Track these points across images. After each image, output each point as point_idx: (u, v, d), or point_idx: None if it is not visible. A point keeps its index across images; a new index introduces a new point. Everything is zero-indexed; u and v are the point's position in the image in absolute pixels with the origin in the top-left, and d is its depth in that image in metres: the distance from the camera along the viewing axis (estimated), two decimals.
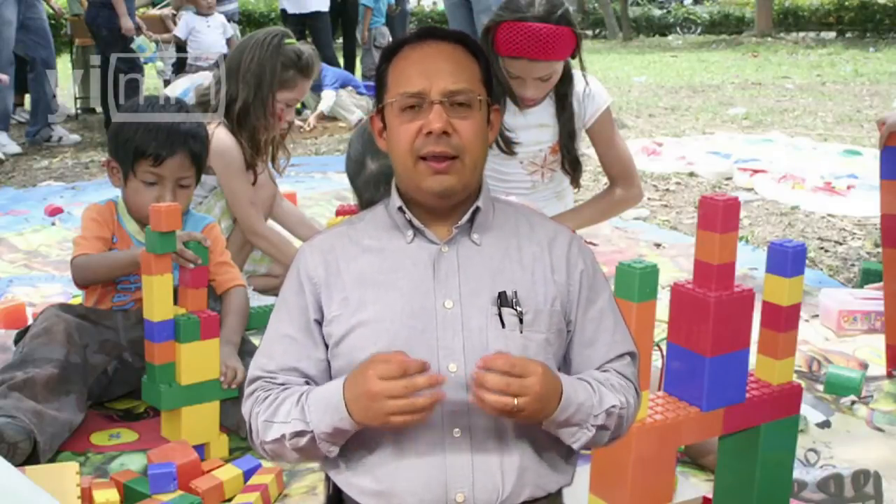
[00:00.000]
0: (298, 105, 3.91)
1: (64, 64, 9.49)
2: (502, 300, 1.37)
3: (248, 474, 2.04)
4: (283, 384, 1.38)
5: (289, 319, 1.41)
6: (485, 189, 1.45)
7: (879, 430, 2.35)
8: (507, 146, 2.80)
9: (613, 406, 1.35)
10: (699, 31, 21.12)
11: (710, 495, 1.84)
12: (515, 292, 1.37)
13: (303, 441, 1.32)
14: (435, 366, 1.35)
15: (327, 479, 1.46)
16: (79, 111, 8.46)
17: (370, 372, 1.25)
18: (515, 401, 1.24)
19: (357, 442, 1.37)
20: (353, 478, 1.38)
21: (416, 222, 1.41)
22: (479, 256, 1.40)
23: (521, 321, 1.37)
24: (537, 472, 1.37)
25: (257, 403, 1.38)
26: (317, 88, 7.43)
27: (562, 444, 1.43)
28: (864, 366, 2.68)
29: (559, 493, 1.43)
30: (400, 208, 1.42)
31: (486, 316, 1.37)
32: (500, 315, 1.37)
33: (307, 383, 1.39)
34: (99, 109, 8.10)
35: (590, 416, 1.33)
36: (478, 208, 1.42)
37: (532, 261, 1.41)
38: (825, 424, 2.35)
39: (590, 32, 20.43)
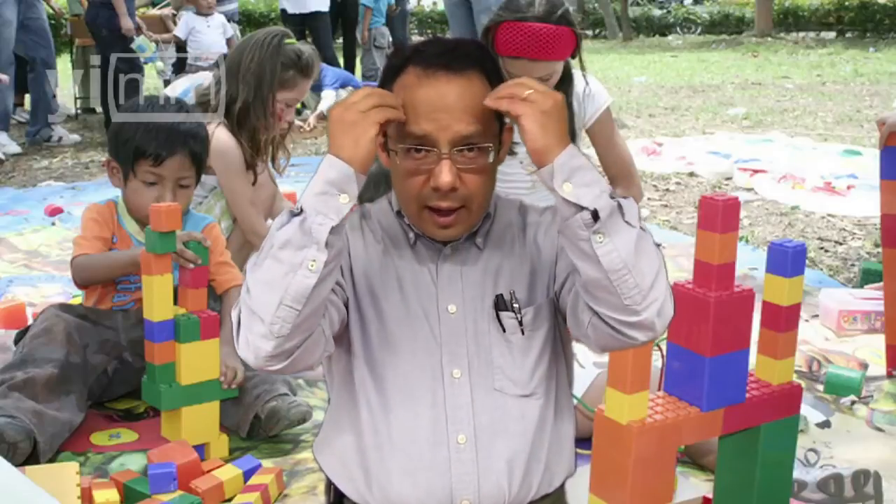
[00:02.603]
0: (298, 105, 3.91)
1: (64, 64, 9.49)
2: (499, 304, 1.36)
3: (248, 474, 2.03)
4: None
5: None
6: (493, 200, 1.43)
7: (879, 430, 2.35)
8: None
9: (627, 197, 1.23)
10: (699, 31, 21.12)
11: (710, 495, 1.84)
12: (513, 293, 1.36)
13: (291, 229, 1.19)
14: (439, 371, 1.34)
15: (328, 485, 1.45)
16: (79, 111, 8.45)
17: (333, 109, 1.24)
18: (527, 91, 1.20)
19: (360, 449, 1.36)
20: (355, 484, 1.36)
21: (416, 228, 1.39)
22: (481, 259, 1.39)
23: (521, 323, 1.36)
24: (542, 470, 1.37)
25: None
26: (317, 88, 7.43)
27: (566, 440, 1.42)
28: (864, 366, 2.68)
29: (562, 487, 1.43)
30: (398, 213, 1.40)
31: (488, 320, 1.36)
32: (498, 319, 1.35)
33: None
34: (99, 109, 8.10)
35: (601, 182, 1.21)
36: (488, 215, 1.41)
37: (527, 254, 1.41)
38: (825, 424, 2.35)
39: (590, 32, 20.41)
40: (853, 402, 2.46)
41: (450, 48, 1.33)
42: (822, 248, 4.01)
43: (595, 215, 1.17)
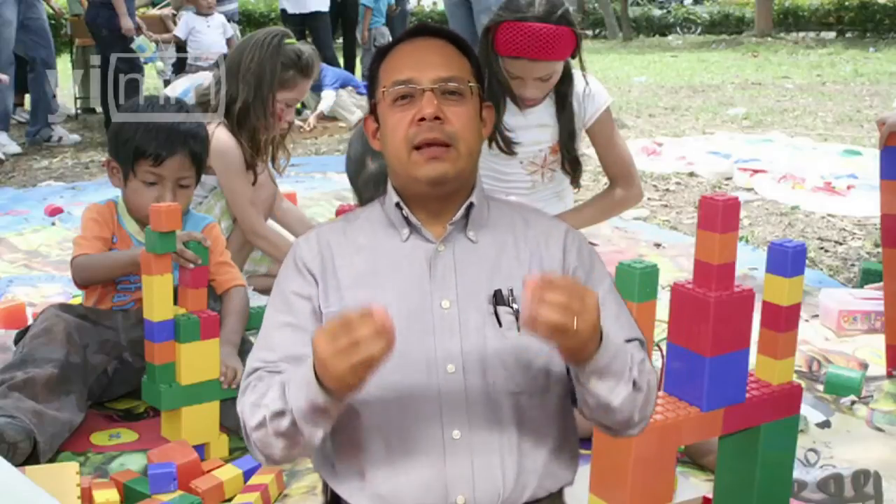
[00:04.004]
0: (298, 105, 3.91)
1: (64, 64, 9.49)
2: (498, 299, 1.36)
3: (248, 474, 2.04)
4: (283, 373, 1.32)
5: (288, 308, 1.37)
6: (478, 186, 1.44)
7: (879, 430, 2.35)
8: (507, 146, 2.79)
9: (644, 361, 1.31)
10: (699, 31, 21.11)
11: (710, 495, 1.84)
12: (511, 290, 1.36)
13: (284, 424, 1.25)
14: (433, 367, 1.33)
15: (325, 485, 1.44)
16: (79, 111, 8.46)
17: (316, 340, 1.17)
18: (575, 321, 1.15)
19: (354, 446, 1.35)
20: (351, 482, 1.36)
21: (412, 219, 1.39)
22: (476, 255, 1.39)
23: (517, 319, 1.35)
24: (538, 472, 1.36)
25: (251, 391, 1.33)
26: (317, 88, 7.42)
27: (564, 442, 1.41)
28: (864, 366, 2.68)
29: (560, 492, 1.42)
30: (397, 204, 1.40)
31: (483, 315, 1.35)
32: (496, 314, 1.36)
33: None
34: (99, 109, 8.10)
35: (626, 366, 1.27)
36: (471, 204, 1.41)
37: (528, 257, 1.40)
38: (825, 424, 2.35)
39: (590, 32, 20.40)
40: (853, 402, 2.46)
41: (428, 25, 1.47)
42: (822, 248, 4.01)
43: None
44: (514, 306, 1.35)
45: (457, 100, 1.38)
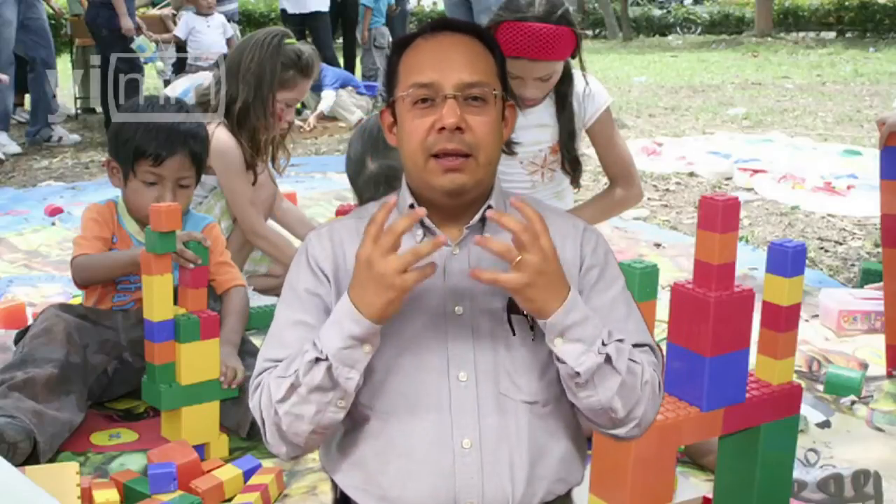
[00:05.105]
0: (298, 105, 3.91)
1: (64, 64, 9.49)
2: (512, 307, 1.32)
3: (248, 474, 2.04)
4: None
5: (300, 305, 1.34)
6: (496, 187, 1.41)
7: (879, 430, 2.35)
8: (507, 146, 2.79)
9: (622, 341, 1.27)
10: (699, 31, 21.12)
11: (710, 495, 1.84)
12: None
13: (318, 375, 1.23)
14: (444, 373, 1.32)
15: (334, 484, 1.44)
16: (79, 111, 8.46)
17: (360, 248, 1.23)
18: (520, 255, 1.20)
19: (363, 449, 1.34)
20: (359, 483, 1.36)
21: (427, 221, 1.36)
22: (491, 259, 1.35)
23: (532, 328, 1.33)
24: (548, 478, 1.34)
25: (268, 375, 1.30)
26: (317, 88, 7.43)
27: (574, 447, 1.39)
28: (864, 366, 2.68)
29: (568, 493, 1.42)
30: (411, 206, 1.37)
31: (496, 322, 1.33)
32: (510, 322, 1.33)
33: None
34: (99, 109, 8.10)
35: (598, 337, 1.24)
36: (489, 207, 1.38)
37: None
38: (825, 424, 2.35)
39: (590, 32, 20.40)
40: (853, 402, 2.47)
41: (453, 20, 1.42)
42: (822, 248, 4.01)
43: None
44: (529, 315, 1.33)
45: (479, 106, 1.33)
